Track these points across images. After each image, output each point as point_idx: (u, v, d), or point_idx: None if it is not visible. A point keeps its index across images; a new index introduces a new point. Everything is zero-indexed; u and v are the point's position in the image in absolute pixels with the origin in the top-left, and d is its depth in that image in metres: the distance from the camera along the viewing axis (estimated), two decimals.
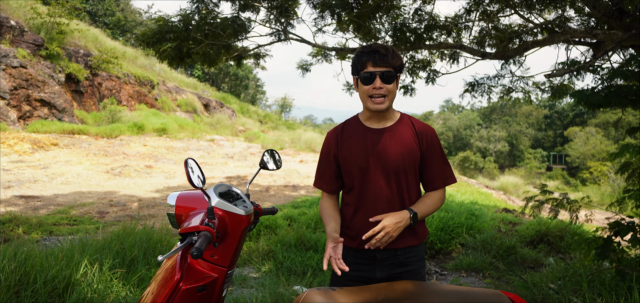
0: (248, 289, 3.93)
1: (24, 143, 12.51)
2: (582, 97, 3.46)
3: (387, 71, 1.82)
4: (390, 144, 1.87)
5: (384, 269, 1.87)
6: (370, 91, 1.84)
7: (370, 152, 1.87)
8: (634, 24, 4.22)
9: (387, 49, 1.83)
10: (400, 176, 1.87)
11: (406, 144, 1.88)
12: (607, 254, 3.48)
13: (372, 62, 1.82)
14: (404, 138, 1.89)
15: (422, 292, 1.63)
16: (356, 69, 1.88)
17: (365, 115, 1.95)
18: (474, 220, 6.15)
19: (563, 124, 49.62)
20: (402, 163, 1.86)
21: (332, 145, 1.97)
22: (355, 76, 1.90)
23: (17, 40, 15.55)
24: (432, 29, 5.78)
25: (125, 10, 34.86)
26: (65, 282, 3.14)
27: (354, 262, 1.89)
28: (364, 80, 1.84)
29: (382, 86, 1.82)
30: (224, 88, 37.53)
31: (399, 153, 1.86)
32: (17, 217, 5.81)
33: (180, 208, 1.72)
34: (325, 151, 2.00)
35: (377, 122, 1.92)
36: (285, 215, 6.19)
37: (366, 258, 1.88)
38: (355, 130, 1.94)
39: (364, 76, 1.83)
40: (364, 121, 1.95)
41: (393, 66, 1.83)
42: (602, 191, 15.82)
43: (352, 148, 1.91)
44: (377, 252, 1.86)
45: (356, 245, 1.89)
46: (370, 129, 1.91)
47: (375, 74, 1.82)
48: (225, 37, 5.86)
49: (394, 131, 1.90)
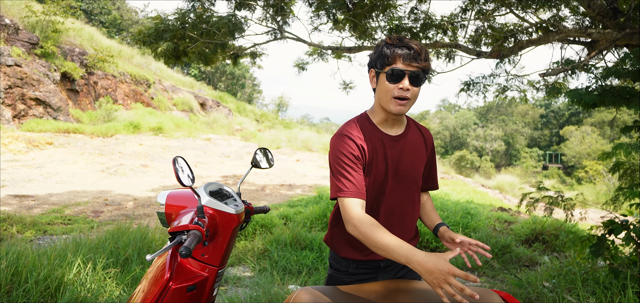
0: (243, 288, 3.92)
1: (18, 142, 12.44)
2: (577, 97, 3.47)
3: (418, 72, 1.61)
4: (407, 155, 1.76)
5: (386, 275, 1.83)
6: (396, 91, 1.62)
7: (389, 163, 1.73)
8: (628, 23, 4.23)
9: (421, 46, 1.62)
10: (413, 186, 1.79)
11: (419, 155, 1.80)
12: (601, 252, 3.49)
13: (404, 58, 1.59)
14: (417, 148, 1.80)
15: (413, 291, 1.62)
16: (381, 62, 1.65)
17: (378, 117, 1.74)
18: (470, 218, 6.16)
19: (559, 124, 49.83)
20: (417, 173, 1.79)
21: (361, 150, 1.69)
22: (376, 69, 1.68)
23: (12, 38, 15.46)
24: (428, 28, 5.78)
25: (121, 9, 34.74)
26: (58, 282, 3.12)
27: (356, 273, 1.81)
28: (391, 77, 1.61)
29: (410, 88, 1.62)
30: (221, 87, 37.47)
31: (414, 164, 1.78)
32: (11, 216, 5.77)
33: (170, 206, 1.70)
34: (352, 155, 1.66)
35: (392, 127, 1.75)
36: (281, 214, 6.18)
37: (370, 267, 1.81)
38: (373, 136, 1.72)
39: (391, 72, 1.61)
40: (378, 125, 1.75)
41: (424, 68, 1.62)
42: (598, 190, 15.89)
43: (373, 156, 1.71)
44: (381, 261, 1.79)
45: (361, 257, 1.78)
46: (387, 136, 1.74)
47: (404, 73, 1.60)
48: (221, 35, 5.84)
49: (408, 140, 1.78)
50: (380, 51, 1.66)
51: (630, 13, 4.23)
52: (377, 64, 1.67)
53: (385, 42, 1.66)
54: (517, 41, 5.59)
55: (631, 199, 3.52)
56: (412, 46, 1.61)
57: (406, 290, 1.63)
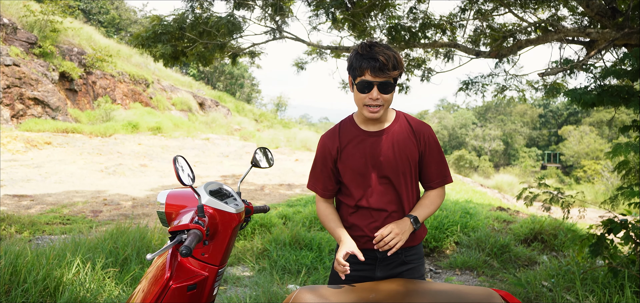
0: (242, 288, 3.92)
1: (17, 141, 12.42)
2: (576, 96, 3.47)
3: (386, 81, 1.71)
4: (388, 147, 1.82)
5: (384, 269, 1.86)
6: (366, 100, 1.74)
7: (368, 157, 1.82)
8: (627, 23, 4.24)
9: (388, 56, 1.69)
10: (400, 178, 1.82)
11: (403, 146, 1.83)
12: (600, 251, 3.50)
13: (371, 70, 1.69)
14: (401, 139, 1.83)
15: (413, 290, 1.63)
16: (353, 72, 1.76)
17: (360, 118, 1.87)
18: (469, 218, 6.17)
19: (557, 123, 49.89)
20: (401, 165, 1.82)
21: (331, 151, 1.88)
22: (350, 76, 1.80)
23: (10, 38, 15.42)
24: (427, 27, 5.78)
25: (119, 8, 34.68)
26: (57, 281, 3.12)
27: (355, 262, 1.85)
28: (360, 88, 1.73)
29: (379, 96, 1.72)
30: (219, 87, 37.43)
31: (397, 156, 1.81)
32: (9, 216, 5.76)
33: (170, 206, 1.70)
34: (322, 155, 1.90)
35: (374, 124, 1.85)
36: (280, 214, 6.17)
37: (367, 258, 1.84)
38: (352, 134, 1.86)
39: (361, 84, 1.72)
40: (360, 124, 1.87)
41: (393, 76, 1.72)
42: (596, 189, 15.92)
43: (350, 153, 1.84)
44: (377, 252, 1.83)
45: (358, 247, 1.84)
46: (367, 133, 1.84)
47: (372, 84, 1.71)
48: (220, 35, 5.84)
49: (391, 132, 1.84)
50: (352, 61, 1.76)
51: (629, 13, 4.23)
52: (350, 72, 1.79)
53: (357, 52, 1.75)
54: (516, 41, 5.60)
55: (630, 198, 3.53)
56: (379, 57, 1.69)
57: (408, 290, 1.64)
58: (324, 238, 4.90)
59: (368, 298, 1.57)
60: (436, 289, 1.63)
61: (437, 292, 1.59)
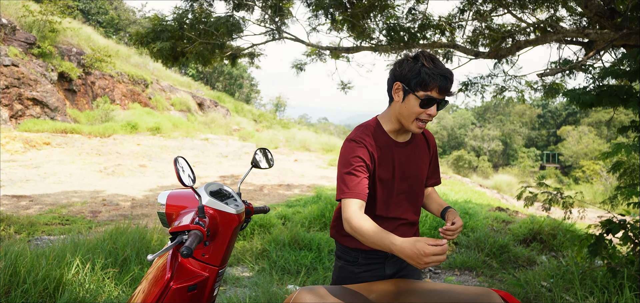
0: (241, 288, 3.92)
1: (15, 142, 12.40)
2: (574, 97, 3.48)
3: (445, 101, 1.71)
4: (413, 159, 1.87)
5: (393, 265, 1.89)
6: (423, 115, 1.69)
7: (396, 167, 1.82)
8: (626, 23, 4.25)
9: (452, 75, 1.68)
10: (417, 187, 1.89)
11: (423, 158, 1.91)
12: (599, 251, 3.51)
13: (439, 89, 1.65)
14: (422, 151, 1.91)
15: (412, 290, 1.63)
16: (414, 84, 1.66)
17: (391, 126, 1.81)
18: (468, 218, 6.18)
19: (556, 124, 49.97)
20: (420, 174, 1.89)
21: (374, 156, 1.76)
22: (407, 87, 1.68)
23: (9, 38, 15.40)
24: (426, 28, 5.79)
25: (118, 9, 34.66)
26: (56, 282, 3.12)
27: (366, 263, 1.87)
28: (423, 103, 1.66)
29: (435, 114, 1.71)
30: (219, 87, 37.42)
31: (419, 168, 1.89)
32: (8, 217, 5.75)
33: (171, 206, 1.70)
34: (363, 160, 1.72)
35: (401, 135, 1.85)
36: (279, 214, 6.18)
37: (378, 256, 1.87)
38: (385, 143, 1.81)
39: (425, 99, 1.65)
40: (389, 133, 1.82)
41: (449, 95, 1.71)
42: (595, 189, 15.95)
43: (381, 162, 1.80)
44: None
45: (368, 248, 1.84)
46: (395, 143, 1.83)
47: (435, 101, 1.67)
48: (219, 36, 5.84)
49: (414, 145, 1.89)
50: (418, 73, 1.66)
51: (628, 13, 4.25)
52: (412, 84, 1.68)
53: (422, 64, 1.66)
54: (515, 41, 5.61)
55: (629, 198, 3.54)
56: (448, 74, 1.65)
57: (407, 290, 1.64)
58: (323, 238, 4.91)
59: (368, 298, 1.57)
60: (436, 289, 1.63)
61: (436, 292, 1.60)
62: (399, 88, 1.72)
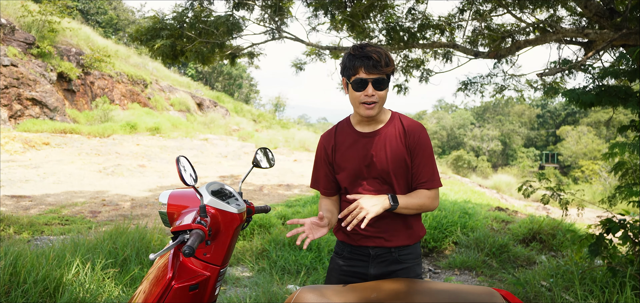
0: (242, 288, 3.92)
1: (15, 142, 12.39)
2: (574, 96, 3.48)
3: (380, 78, 1.75)
4: (381, 148, 1.85)
5: (378, 266, 1.88)
6: (361, 97, 1.78)
7: (362, 158, 1.86)
8: (625, 23, 4.26)
9: (380, 54, 1.75)
10: (392, 179, 1.84)
11: (395, 147, 1.84)
12: (599, 251, 3.51)
13: (365, 68, 1.74)
14: (393, 139, 1.85)
15: (414, 290, 1.63)
16: (347, 72, 1.80)
17: (356, 118, 1.92)
18: (467, 218, 6.18)
19: (555, 123, 50.00)
20: (392, 166, 1.84)
21: (327, 152, 1.95)
22: (345, 78, 1.83)
23: (8, 38, 15.38)
24: (426, 28, 5.80)
25: (117, 9, 34.63)
26: (56, 282, 3.12)
27: (350, 257, 1.93)
28: (355, 86, 1.77)
29: (374, 93, 1.76)
30: (218, 87, 37.40)
31: (389, 157, 1.84)
32: (8, 217, 5.75)
33: (172, 206, 1.70)
34: (319, 156, 1.99)
35: (368, 125, 1.89)
36: (279, 214, 6.18)
37: (361, 254, 1.91)
38: (348, 135, 1.91)
39: (355, 82, 1.77)
40: (355, 125, 1.92)
41: (386, 72, 1.76)
42: (594, 189, 15.96)
43: (345, 155, 1.90)
44: (370, 249, 1.88)
45: (352, 242, 1.92)
46: (362, 134, 1.88)
47: (367, 81, 1.75)
48: (219, 35, 5.84)
49: (384, 134, 1.87)
50: (345, 62, 1.81)
51: (627, 13, 4.25)
52: (345, 74, 1.83)
53: (349, 53, 1.81)
54: (515, 41, 5.62)
55: (629, 198, 3.54)
56: (372, 55, 1.74)
57: (409, 289, 1.64)
58: (322, 238, 4.91)
59: (369, 297, 1.57)
60: (438, 288, 1.63)
61: (439, 291, 1.60)
62: (344, 82, 1.86)
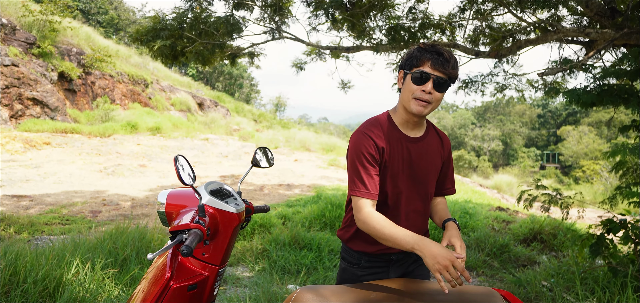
0: (242, 288, 3.91)
1: (15, 142, 12.39)
2: (575, 96, 3.47)
3: (443, 78, 1.66)
4: (424, 157, 1.81)
5: (398, 269, 1.87)
6: (418, 92, 1.67)
7: (406, 162, 1.78)
8: (626, 23, 4.25)
9: (450, 54, 1.68)
10: (428, 187, 1.84)
11: (435, 158, 1.85)
12: (600, 251, 3.50)
13: (432, 63, 1.65)
14: (434, 150, 1.85)
15: (414, 290, 1.62)
16: (410, 63, 1.71)
17: (400, 118, 1.79)
18: (468, 218, 6.17)
19: (556, 123, 49.95)
20: (430, 174, 1.83)
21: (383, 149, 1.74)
22: (404, 70, 1.74)
23: (9, 38, 15.39)
24: (426, 27, 5.79)
25: (118, 9, 34.64)
26: (56, 282, 3.11)
27: (369, 266, 1.85)
28: (415, 79, 1.67)
29: (433, 92, 1.67)
30: (219, 87, 37.41)
31: (430, 167, 1.83)
32: (8, 216, 5.75)
33: (171, 205, 1.70)
34: (369, 154, 1.72)
35: (412, 129, 1.80)
36: (280, 214, 6.17)
37: (382, 260, 1.85)
38: (395, 136, 1.78)
39: (417, 74, 1.67)
40: (399, 126, 1.79)
41: (450, 75, 1.67)
42: (595, 189, 15.94)
43: (392, 156, 1.76)
44: (393, 255, 1.84)
45: (373, 250, 1.82)
46: (406, 137, 1.79)
47: (430, 76, 1.66)
48: (219, 35, 5.84)
49: (427, 142, 1.83)
50: (411, 53, 1.72)
51: (628, 13, 4.24)
52: (406, 65, 1.73)
53: (418, 46, 1.72)
54: (516, 41, 5.60)
55: (629, 198, 3.53)
56: (443, 52, 1.67)
57: (409, 289, 1.63)
58: (323, 238, 4.90)
59: (368, 297, 1.57)
60: (437, 288, 1.63)
61: (438, 291, 1.59)
62: (401, 75, 1.77)
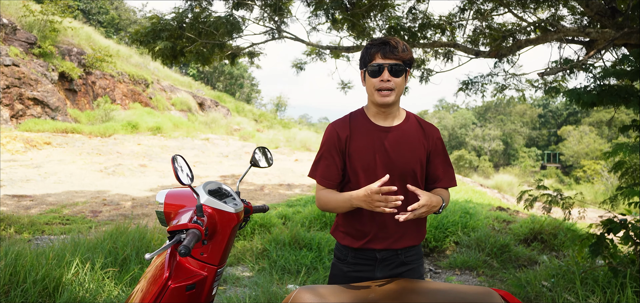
0: (242, 288, 3.91)
1: (16, 142, 12.40)
2: (575, 96, 3.47)
3: (396, 64, 1.74)
4: (398, 144, 1.81)
5: (384, 269, 1.85)
6: (377, 84, 1.76)
7: (377, 152, 1.80)
8: (627, 22, 4.24)
9: (397, 41, 1.76)
10: (407, 178, 1.80)
11: (413, 145, 1.82)
12: (600, 251, 3.49)
13: (382, 53, 1.74)
14: (411, 138, 1.83)
15: (413, 289, 1.62)
16: (364, 61, 1.80)
17: (371, 110, 1.87)
18: (469, 218, 6.16)
19: (557, 123, 49.90)
20: (409, 164, 1.81)
21: (340, 140, 1.84)
22: (363, 69, 1.83)
23: (10, 38, 15.41)
24: (426, 27, 5.78)
25: (119, 9, 34.66)
26: (56, 282, 3.11)
27: (354, 262, 1.86)
28: (371, 72, 1.76)
29: (390, 79, 1.74)
30: (219, 87, 37.42)
31: (406, 154, 1.81)
32: (9, 216, 5.75)
33: (169, 205, 1.70)
34: (330, 143, 1.85)
35: (384, 119, 1.84)
36: (280, 214, 6.17)
37: (366, 258, 1.85)
38: (362, 126, 1.84)
39: (372, 68, 1.76)
40: (371, 117, 1.86)
41: (402, 58, 1.75)
42: (596, 189, 15.92)
43: (359, 145, 1.82)
44: (377, 252, 1.83)
45: (357, 245, 1.84)
46: (377, 127, 1.83)
47: (383, 66, 1.74)
48: (219, 35, 5.83)
49: (401, 130, 1.83)
50: (364, 51, 1.82)
51: (629, 12, 4.23)
52: (362, 64, 1.83)
53: (369, 42, 1.82)
54: (516, 41, 5.60)
55: (630, 198, 3.52)
56: (390, 41, 1.76)
57: (408, 289, 1.63)
58: (323, 238, 4.90)
59: (368, 297, 1.56)
60: (436, 288, 1.62)
61: (437, 291, 1.59)
62: (361, 74, 1.86)
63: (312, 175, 1.90)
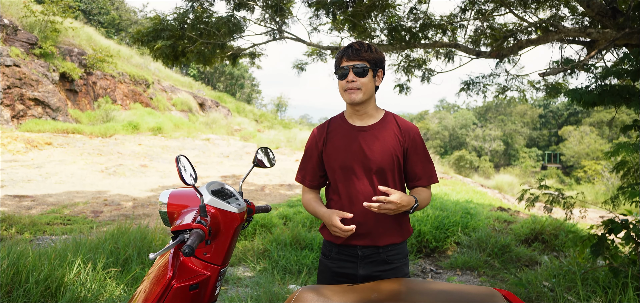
0: (243, 288, 3.92)
1: (17, 142, 12.42)
2: (576, 96, 3.47)
3: (360, 64, 1.85)
4: (373, 142, 1.88)
5: (366, 266, 1.90)
6: (344, 85, 1.88)
7: (352, 151, 1.89)
8: (627, 23, 4.24)
9: (361, 44, 1.88)
10: (385, 175, 1.88)
11: (388, 143, 1.89)
12: (601, 252, 3.49)
13: (346, 57, 1.87)
14: (386, 136, 1.90)
15: (415, 290, 1.62)
16: (335, 67, 1.94)
17: (348, 112, 1.98)
18: (469, 218, 6.16)
19: (558, 124, 49.87)
20: (385, 161, 1.87)
21: (317, 142, 1.99)
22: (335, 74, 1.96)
23: (10, 38, 15.43)
24: (427, 27, 5.78)
25: (119, 9, 34.68)
26: (58, 282, 3.12)
27: (338, 258, 1.94)
28: (340, 76, 1.89)
29: (355, 79, 1.85)
30: (220, 87, 37.44)
31: (381, 152, 1.87)
32: (10, 217, 5.76)
33: (173, 205, 1.70)
34: (309, 147, 2.03)
35: (360, 119, 1.94)
36: (281, 214, 6.18)
37: (349, 254, 1.92)
38: (339, 127, 1.96)
39: (340, 71, 1.89)
40: (348, 118, 1.97)
41: (366, 59, 1.85)
42: (596, 189, 15.91)
43: (335, 145, 1.93)
44: (358, 249, 1.90)
45: (340, 242, 1.91)
46: (353, 127, 1.93)
47: (348, 68, 1.86)
48: (220, 36, 5.84)
49: (377, 129, 1.91)
50: (335, 59, 1.94)
51: (630, 13, 4.23)
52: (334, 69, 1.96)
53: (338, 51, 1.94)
54: (517, 41, 5.60)
55: (632, 198, 3.52)
56: (353, 44, 1.88)
57: (410, 289, 1.63)
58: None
59: (370, 297, 1.57)
60: (439, 289, 1.63)
61: (439, 292, 1.59)
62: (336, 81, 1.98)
63: (299, 179, 2.07)
